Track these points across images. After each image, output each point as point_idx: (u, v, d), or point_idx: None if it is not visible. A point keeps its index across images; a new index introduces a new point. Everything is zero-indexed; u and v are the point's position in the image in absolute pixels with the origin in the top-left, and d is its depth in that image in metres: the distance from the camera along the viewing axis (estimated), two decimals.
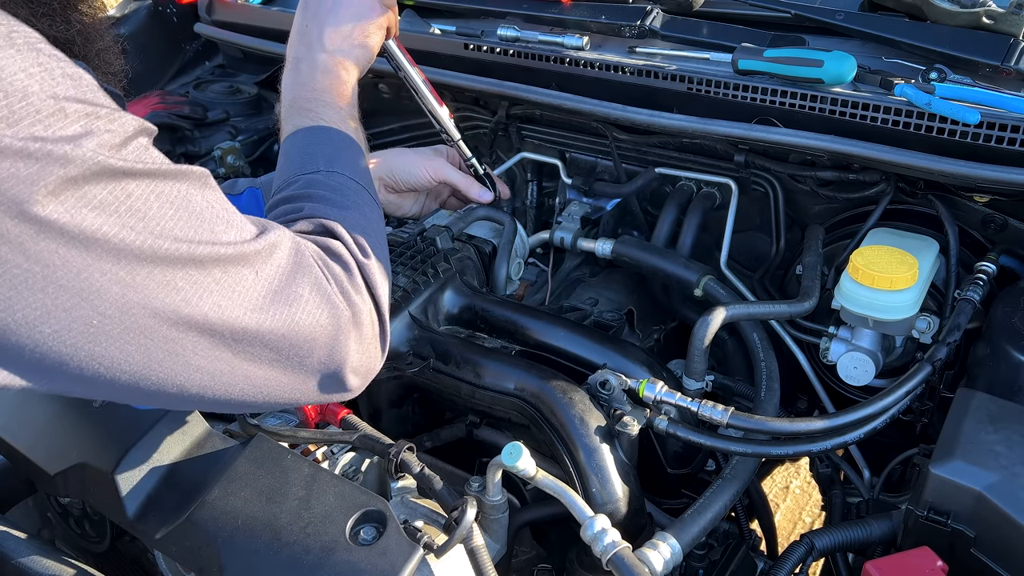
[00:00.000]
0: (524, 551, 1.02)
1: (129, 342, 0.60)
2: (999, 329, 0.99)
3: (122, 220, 0.57)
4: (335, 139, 0.94)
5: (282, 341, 0.69)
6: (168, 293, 0.61)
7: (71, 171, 0.54)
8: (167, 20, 1.79)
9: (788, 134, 1.10)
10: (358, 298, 0.76)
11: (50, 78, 0.55)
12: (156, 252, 0.59)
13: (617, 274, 1.41)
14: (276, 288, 0.68)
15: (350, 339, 0.74)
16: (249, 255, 0.66)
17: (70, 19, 0.75)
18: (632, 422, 0.97)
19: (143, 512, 0.84)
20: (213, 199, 0.66)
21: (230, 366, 0.67)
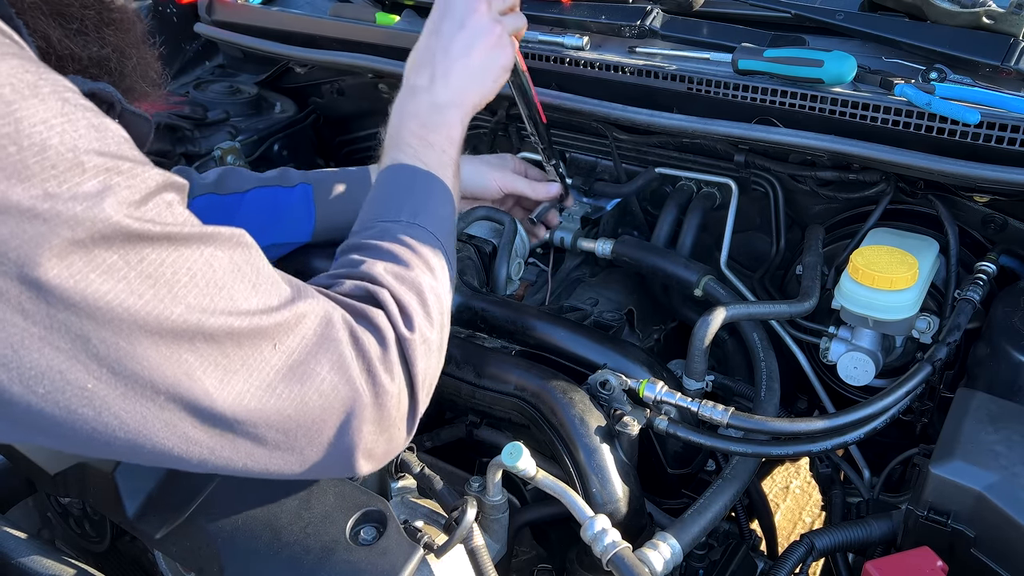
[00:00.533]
0: (524, 551, 1.02)
1: (125, 410, 0.58)
2: (999, 329, 0.99)
3: (131, 287, 0.55)
4: (429, 187, 0.91)
5: (287, 423, 0.65)
6: (170, 366, 0.58)
7: (79, 233, 0.53)
8: (167, 20, 1.79)
9: (788, 134, 1.10)
10: (386, 377, 0.71)
11: (72, 129, 0.54)
12: (162, 322, 0.57)
13: (617, 274, 1.41)
14: (293, 364, 0.65)
15: (365, 424, 0.70)
16: (268, 328, 0.63)
17: (104, 36, 0.73)
18: (632, 422, 0.97)
19: (143, 512, 0.84)
20: (242, 261, 0.64)
21: (231, 444, 0.64)
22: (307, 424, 0.66)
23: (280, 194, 1.20)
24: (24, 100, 0.52)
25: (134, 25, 0.78)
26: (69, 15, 0.70)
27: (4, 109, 0.51)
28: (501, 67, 1.01)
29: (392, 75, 1.44)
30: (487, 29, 0.99)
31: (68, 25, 0.70)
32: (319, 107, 1.80)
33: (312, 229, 1.22)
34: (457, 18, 0.99)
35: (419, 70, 0.99)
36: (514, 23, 1.05)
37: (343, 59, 1.48)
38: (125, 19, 0.76)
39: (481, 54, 0.99)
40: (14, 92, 0.52)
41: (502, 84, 1.03)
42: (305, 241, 1.23)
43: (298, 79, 1.79)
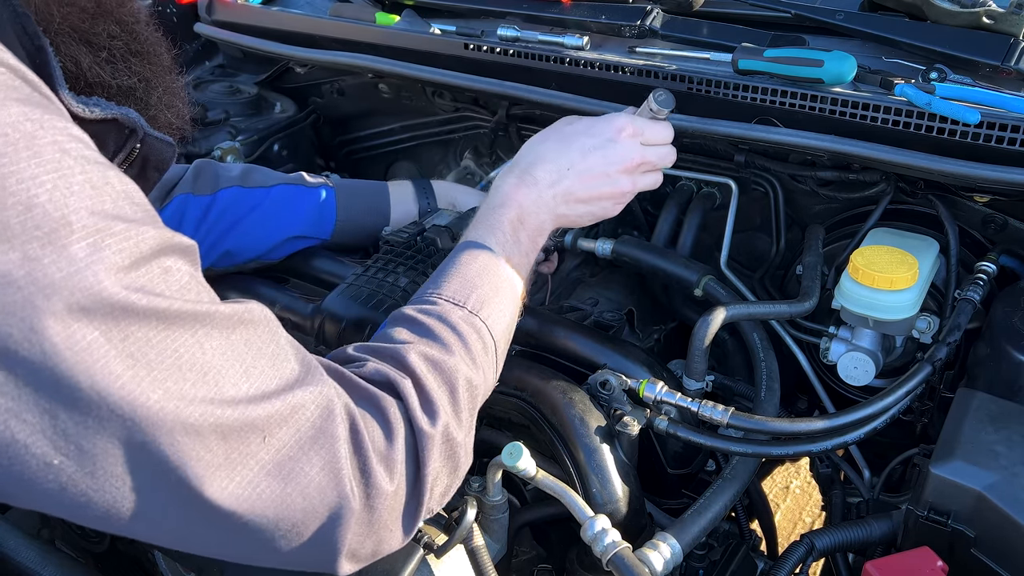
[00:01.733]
0: (524, 551, 1.02)
1: (93, 489, 0.54)
2: (999, 329, 0.99)
3: (108, 367, 0.51)
4: (504, 286, 0.88)
5: (265, 521, 0.60)
6: (142, 455, 0.54)
7: (56, 305, 0.49)
8: (167, 20, 1.79)
9: (788, 134, 1.10)
10: (383, 477, 0.66)
11: (64, 186, 0.50)
12: (136, 408, 0.52)
13: (617, 274, 1.41)
14: (281, 460, 0.60)
15: (349, 529, 0.65)
16: (258, 420, 0.59)
17: (132, 65, 0.72)
18: (632, 422, 0.97)
19: None
20: (240, 341, 0.59)
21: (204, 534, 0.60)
22: (287, 526, 0.62)
23: (303, 191, 1.24)
24: (16, 153, 0.49)
25: (162, 56, 0.77)
26: (97, 44, 0.69)
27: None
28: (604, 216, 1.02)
29: (392, 75, 1.44)
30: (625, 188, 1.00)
31: (97, 53, 0.69)
32: (319, 107, 1.80)
33: (333, 228, 1.25)
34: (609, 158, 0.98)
35: (546, 167, 0.97)
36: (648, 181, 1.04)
37: (343, 59, 1.48)
38: (153, 51, 0.75)
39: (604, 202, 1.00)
40: (7, 144, 0.49)
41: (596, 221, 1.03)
42: (325, 239, 1.25)
43: (298, 79, 1.79)
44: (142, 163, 0.73)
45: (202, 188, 1.19)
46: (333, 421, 0.64)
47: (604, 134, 1.00)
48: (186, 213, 1.16)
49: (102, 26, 0.70)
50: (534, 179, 0.97)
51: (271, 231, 1.22)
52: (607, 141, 0.99)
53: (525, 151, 1.01)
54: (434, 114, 1.66)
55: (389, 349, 0.76)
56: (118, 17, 0.72)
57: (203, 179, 1.20)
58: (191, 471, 0.56)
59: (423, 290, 0.86)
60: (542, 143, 1.01)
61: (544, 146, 1.00)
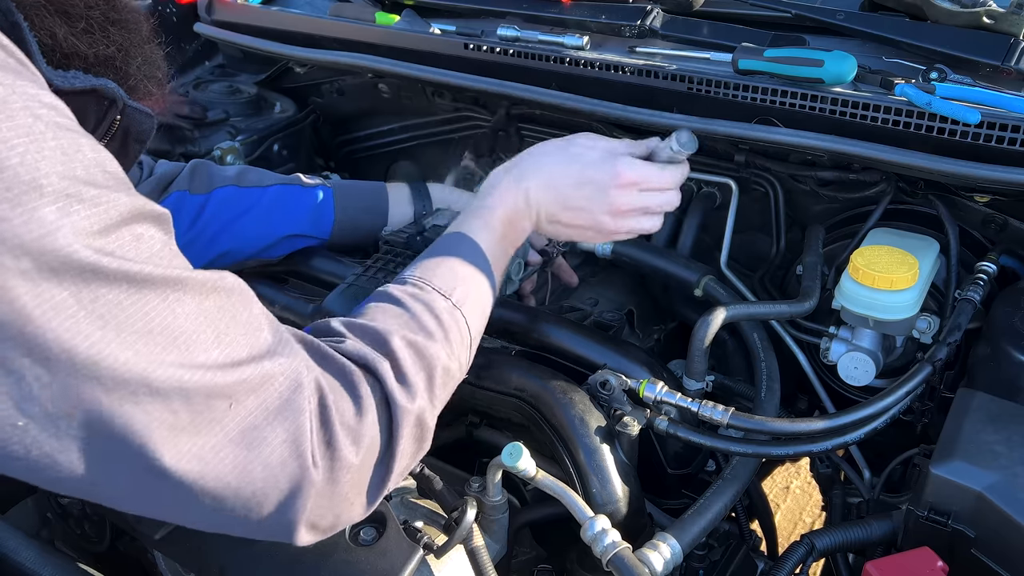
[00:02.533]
0: (524, 551, 1.02)
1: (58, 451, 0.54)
2: (999, 329, 0.99)
3: (77, 326, 0.51)
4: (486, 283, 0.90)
5: (226, 489, 0.61)
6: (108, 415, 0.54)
7: (24, 264, 0.49)
8: (167, 20, 1.79)
9: (788, 134, 1.10)
10: (349, 449, 0.67)
11: (35, 150, 0.51)
12: (103, 369, 0.53)
13: (617, 274, 1.41)
14: (245, 428, 0.60)
15: (310, 500, 0.65)
16: (225, 385, 0.59)
17: (109, 35, 0.71)
18: (632, 422, 0.97)
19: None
20: (213, 308, 0.60)
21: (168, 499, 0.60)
22: (246, 494, 0.62)
23: (300, 191, 1.24)
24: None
25: (140, 24, 0.77)
26: (75, 14, 0.69)
27: None
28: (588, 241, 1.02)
29: (392, 75, 1.44)
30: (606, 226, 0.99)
31: (73, 23, 0.68)
32: (319, 107, 1.80)
33: (331, 228, 1.25)
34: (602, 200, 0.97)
35: (541, 181, 0.98)
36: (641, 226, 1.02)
37: (343, 59, 1.48)
38: (131, 18, 0.75)
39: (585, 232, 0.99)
40: None
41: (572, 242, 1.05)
42: (324, 238, 1.25)
43: (298, 79, 1.79)
44: (123, 135, 0.73)
45: (197, 187, 1.19)
46: (301, 393, 0.64)
47: (604, 173, 0.98)
48: (181, 210, 1.17)
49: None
50: (526, 189, 0.98)
51: (268, 230, 1.21)
52: (603, 183, 0.98)
53: (526, 156, 1.02)
54: (434, 114, 1.66)
55: (372, 329, 0.77)
56: None
57: (199, 178, 1.20)
58: (155, 434, 0.56)
59: (411, 270, 0.87)
60: (544, 155, 1.01)
61: (545, 159, 1.00)
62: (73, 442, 0.55)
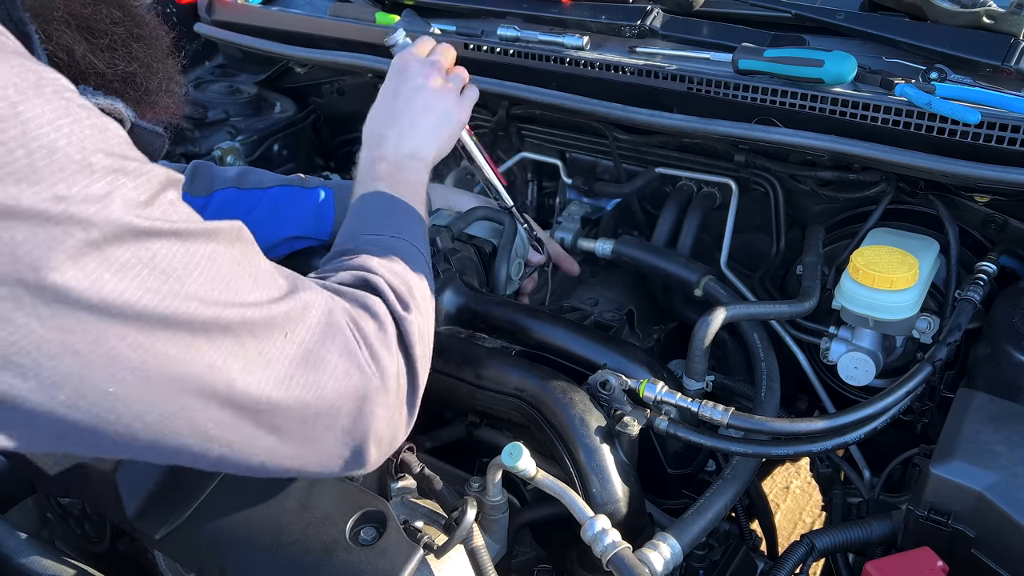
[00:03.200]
0: (524, 551, 1.02)
1: (147, 411, 0.58)
2: (999, 329, 0.99)
3: (145, 283, 0.55)
4: (407, 212, 0.95)
5: (307, 410, 0.66)
6: (191, 359, 0.58)
7: (93, 234, 0.52)
8: (167, 20, 1.79)
9: (788, 134, 1.10)
10: (388, 359, 0.73)
11: (79, 130, 0.53)
12: (179, 316, 0.57)
13: (617, 274, 1.41)
14: (305, 352, 0.65)
15: (376, 406, 0.71)
16: (278, 317, 0.64)
17: (132, 51, 0.73)
18: (632, 422, 0.97)
19: (143, 512, 0.84)
20: (242, 255, 0.64)
21: (250, 438, 0.64)
22: (325, 410, 0.67)
23: (301, 192, 1.24)
24: (28, 101, 0.51)
25: (162, 40, 0.79)
26: (98, 30, 0.70)
27: (9, 111, 0.50)
28: (457, 121, 1.09)
29: None
30: (444, 91, 1.08)
31: (96, 40, 0.70)
32: (319, 107, 1.80)
33: (331, 228, 1.25)
34: (415, 82, 1.07)
35: (384, 124, 1.05)
36: (462, 75, 1.13)
37: (343, 59, 1.48)
38: (154, 35, 0.77)
39: (439, 113, 1.06)
40: (18, 93, 0.51)
41: (456, 137, 1.11)
42: (324, 239, 1.25)
43: (298, 79, 1.79)
44: None
45: (198, 189, 1.19)
46: (335, 316, 0.69)
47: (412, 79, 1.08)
48: None
49: (105, 11, 0.71)
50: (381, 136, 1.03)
51: (268, 232, 1.21)
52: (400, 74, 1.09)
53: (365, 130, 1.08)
54: None
55: (351, 263, 0.81)
56: (120, 2, 0.73)
57: (199, 180, 1.20)
58: (234, 368, 0.60)
59: (339, 238, 0.90)
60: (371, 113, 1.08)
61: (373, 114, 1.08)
62: (161, 398, 0.58)
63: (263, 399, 0.62)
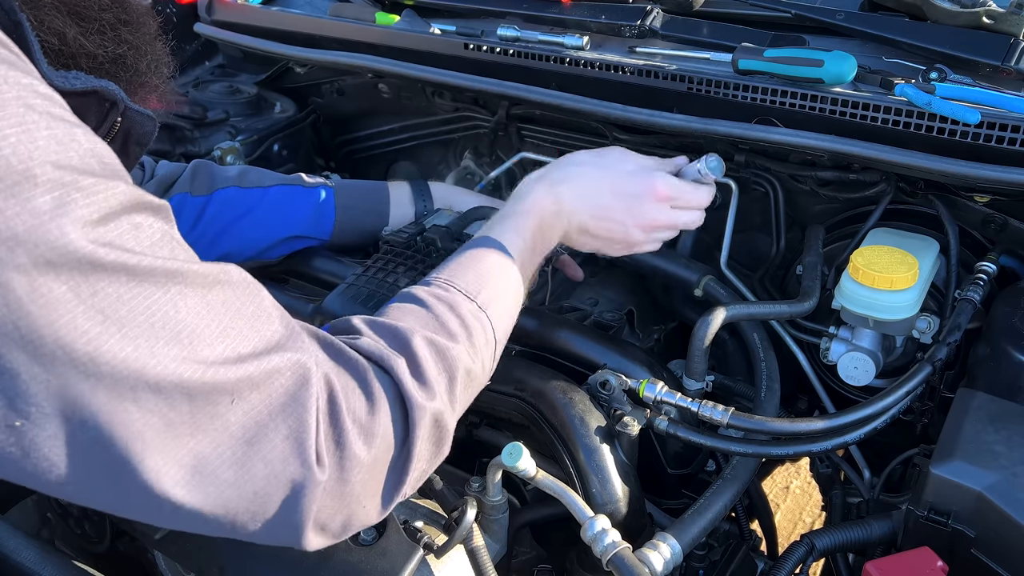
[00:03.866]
0: (524, 551, 1.02)
1: (55, 453, 0.53)
2: (999, 329, 0.99)
3: (74, 322, 0.50)
4: (514, 291, 0.90)
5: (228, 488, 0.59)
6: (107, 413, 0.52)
7: (20, 257, 0.47)
8: (167, 20, 1.79)
9: (788, 134, 1.10)
10: (361, 447, 0.65)
11: (28, 140, 0.49)
12: (101, 365, 0.51)
13: (617, 274, 1.41)
14: (246, 423, 0.59)
15: (315, 499, 0.63)
16: (228, 382, 0.57)
17: (121, 35, 0.72)
18: (632, 422, 0.97)
19: None
20: (218, 301, 0.58)
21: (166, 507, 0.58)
22: (248, 493, 0.60)
23: (301, 191, 1.24)
24: None
25: (149, 23, 0.77)
26: (87, 15, 0.69)
27: None
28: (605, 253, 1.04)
29: (392, 75, 1.44)
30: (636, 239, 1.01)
31: (85, 24, 0.68)
32: (319, 107, 1.80)
33: (332, 228, 1.25)
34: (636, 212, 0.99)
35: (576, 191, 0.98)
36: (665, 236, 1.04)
37: (343, 59, 1.48)
38: (141, 17, 0.75)
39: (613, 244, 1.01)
40: None
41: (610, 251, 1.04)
42: (324, 239, 1.25)
43: (298, 79, 1.79)
44: (124, 137, 0.73)
45: (198, 188, 1.19)
46: (307, 389, 0.62)
47: (640, 187, 1.00)
48: (182, 213, 1.16)
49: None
50: (559, 197, 0.98)
51: (269, 231, 1.21)
52: (639, 195, 1.00)
53: (561, 164, 1.02)
54: (434, 114, 1.66)
55: (392, 327, 0.76)
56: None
57: (200, 179, 1.20)
58: (155, 433, 0.54)
59: (437, 272, 0.87)
60: (580, 165, 1.01)
61: (580, 169, 1.01)
62: (70, 444, 0.53)
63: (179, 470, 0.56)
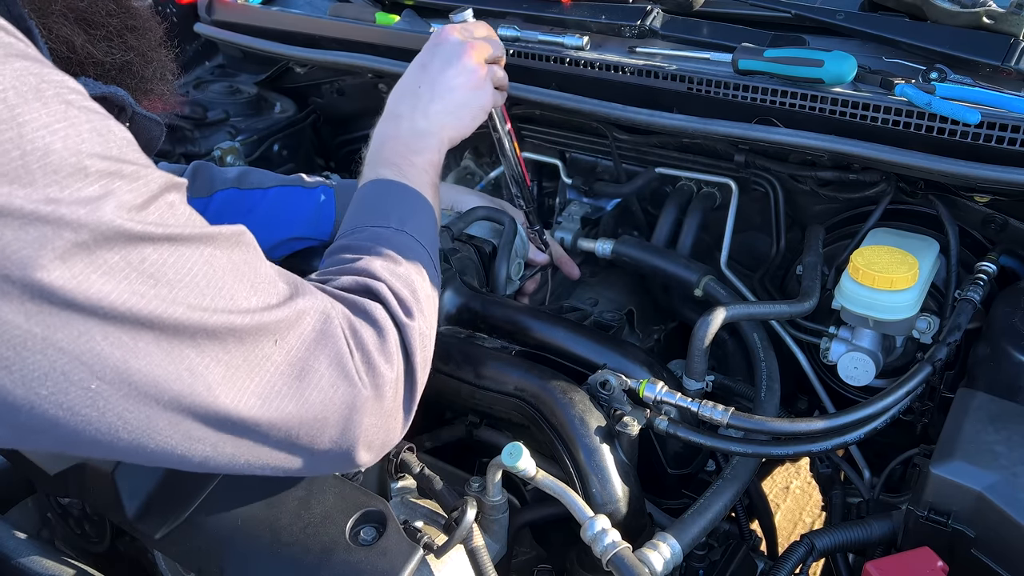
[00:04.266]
0: (524, 551, 1.02)
1: (128, 410, 0.58)
2: (999, 329, 0.99)
3: (132, 287, 0.56)
4: (413, 200, 0.93)
5: (290, 420, 0.66)
6: (173, 363, 0.59)
7: (82, 236, 0.53)
8: (167, 20, 1.79)
9: (788, 134, 1.10)
10: (385, 367, 0.73)
11: (75, 134, 0.54)
12: (164, 320, 0.57)
13: (617, 274, 1.41)
14: (293, 361, 0.66)
15: (365, 416, 0.71)
16: (270, 324, 0.64)
17: (127, 41, 0.75)
18: (632, 422, 0.97)
19: (143, 512, 0.84)
20: (242, 260, 0.65)
21: (234, 442, 0.65)
22: (309, 421, 0.67)
23: (301, 192, 1.24)
24: (27, 104, 0.52)
25: (154, 29, 0.81)
26: (95, 22, 0.72)
27: (7, 114, 0.51)
28: (480, 107, 1.06)
29: (392, 75, 1.44)
30: (472, 70, 1.04)
31: (93, 31, 0.71)
32: (319, 107, 1.80)
33: (332, 229, 1.25)
34: (445, 57, 1.04)
35: (402, 99, 1.03)
36: (499, 74, 1.10)
37: (343, 59, 1.48)
38: (147, 25, 0.79)
39: (463, 92, 1.03)
40: (17, 96, 0.52)
41: (479, 123, 1.07)
42: (325, 240, 1.25)
43: (298, 79, 1.79)
44: None
45: (199, 190, 1.19)
46: (332, 324, 0.69)
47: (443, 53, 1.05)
48: None
49: (100, 4, 0.73)
50: (396, 115, 1.01)
51: (269, 233, 1.21)
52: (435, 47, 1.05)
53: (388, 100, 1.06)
54: None
55: (353, 267, 0.81)
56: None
57: (200, 181, 1.20)
58: (216, 375, 0.61)
59: (343, 229, 0.90)
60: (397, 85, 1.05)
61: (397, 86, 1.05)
62: (142, 400, 0.58)
63: (244, 407, 0.63)
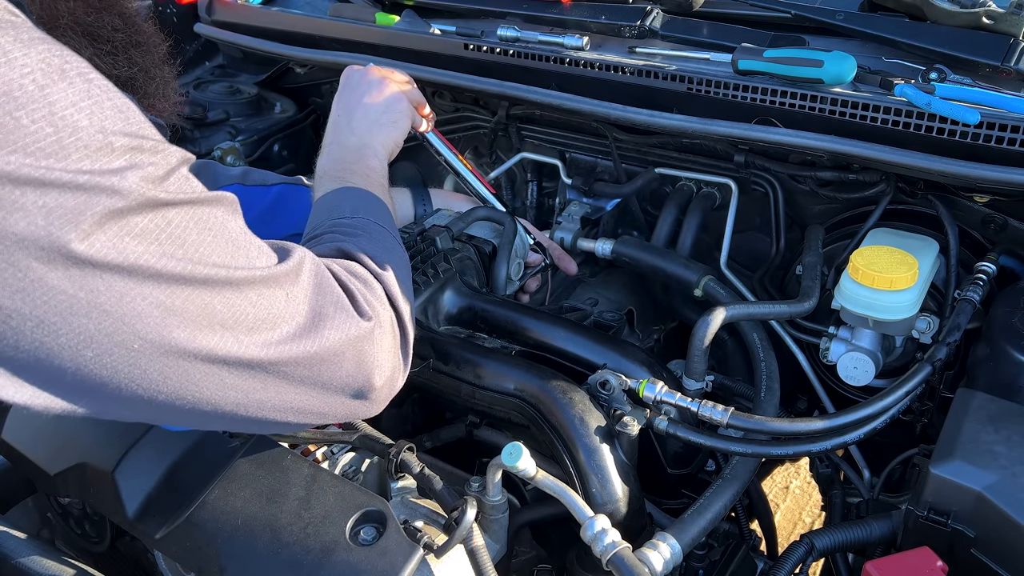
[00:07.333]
0: (524, 551, 1.02)
1: (168, 364, 0.62)
2: (999, 329, 0.99)
3: (163, 248, 0.59)
4: (359, 195, 0.97)
5: (312, 360, 0.70)
6: (206, 317, 0.62)
7: (116, 203, 0.56)
8: (167, 20, 1.79)
9: (788, 134, 1.10)
10: (380, 308, 0.78)
11: (99, 111, 0.57)
12: (195, 276, 0.61)
13: (617, 274, 1.41)
14: (304, 308, 0.70)
15: (374, 347, 0.76)
16: (279, 276, 0.68)
17: (132, 57, 0.78)
18: (632, 422, 0.97)
19: (143, 512, 0.84)
20: (243, 225, 0.69)
21: (263, 385, 0.68)
22: (328, 358, 0.71)
23: (304, 191, 1.25)
24: (54, 84, 0.55)
25: (159, 46, 0.83)
26: (101, 36, 0.74)
27: (38, 93, 0.54)
28: (399, 110, 1.14)
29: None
30: (377, 82, 1.14)
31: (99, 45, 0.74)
32: (319, 107, 1.80)
33: None
34: (351, 85, 1.14)
35: (328, 133, 1.11)
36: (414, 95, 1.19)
37: (343, 59, 1.48)
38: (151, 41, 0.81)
39: (376, 101, 1.12)
40: (45, 76, 0.55)
41: (404, 126, 1.15)
42: None
43: (298, 79, 1.79)
44: None
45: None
46: (325, 276, 0.74)
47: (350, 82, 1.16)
48: None
49: (106, 19, 0.76)
50: (327, 145, 1.09)
51: (271, 229, 1.22)
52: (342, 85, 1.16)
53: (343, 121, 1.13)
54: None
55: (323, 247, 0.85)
56: (120, 10, 0.78)
57: (203, 178, 1.20)
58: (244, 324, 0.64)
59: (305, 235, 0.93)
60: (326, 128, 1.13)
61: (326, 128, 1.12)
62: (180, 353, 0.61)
63: (272, 350, 0.67)
